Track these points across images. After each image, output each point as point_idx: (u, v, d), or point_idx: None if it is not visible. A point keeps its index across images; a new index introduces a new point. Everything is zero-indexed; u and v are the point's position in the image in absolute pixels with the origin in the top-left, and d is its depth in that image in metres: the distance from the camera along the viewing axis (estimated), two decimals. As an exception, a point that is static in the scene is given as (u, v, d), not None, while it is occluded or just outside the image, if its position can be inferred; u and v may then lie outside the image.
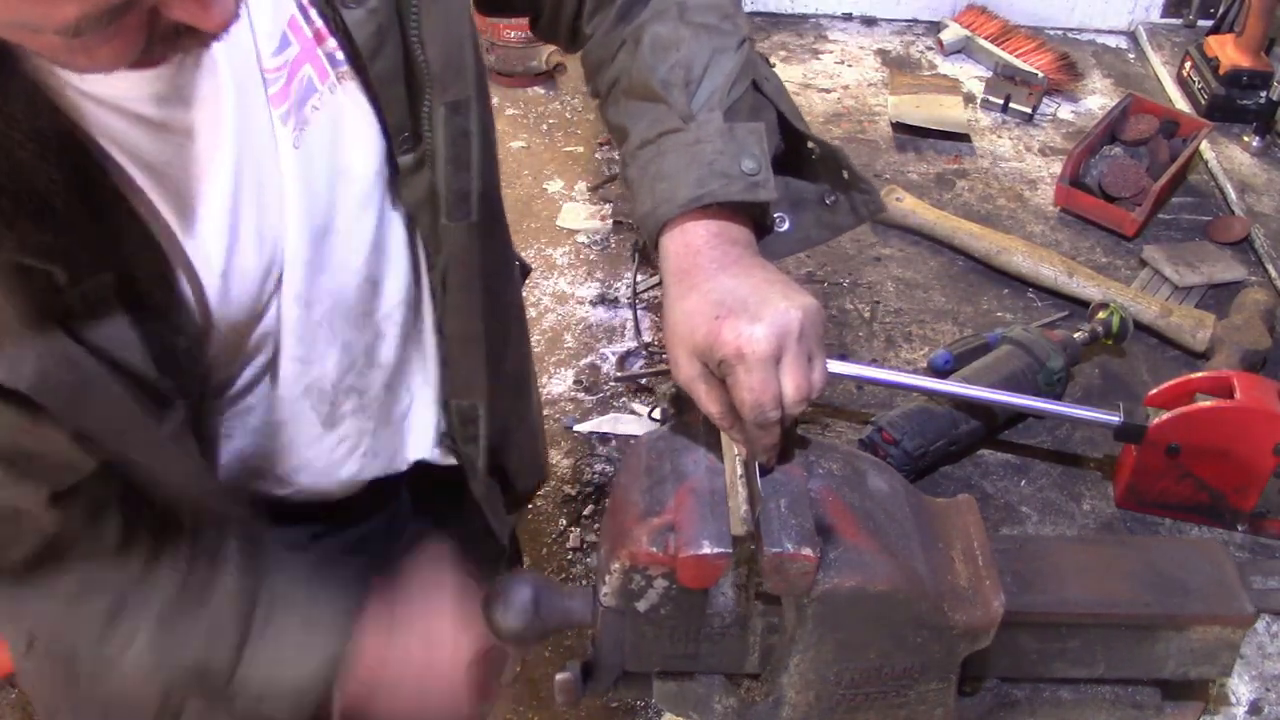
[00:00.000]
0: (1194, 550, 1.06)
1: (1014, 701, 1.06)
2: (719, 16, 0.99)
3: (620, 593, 0.88)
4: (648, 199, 0.92)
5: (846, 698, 0.94)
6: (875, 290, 1.77)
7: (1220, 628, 1.01)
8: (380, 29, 0.89)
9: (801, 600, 0.87)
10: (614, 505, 0.94)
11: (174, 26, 0.69)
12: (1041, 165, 2.10)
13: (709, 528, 0.85)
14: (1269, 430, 1.32)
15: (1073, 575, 1.01)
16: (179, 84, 0.81)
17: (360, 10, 0.88)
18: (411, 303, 1.07)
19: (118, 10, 0.65)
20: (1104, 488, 1.47)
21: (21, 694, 2.12)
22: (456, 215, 1.02)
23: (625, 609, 0.89)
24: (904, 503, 0.97)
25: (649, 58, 0.96)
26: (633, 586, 0.88)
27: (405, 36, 0.92)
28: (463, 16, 0.98)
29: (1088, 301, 1.70)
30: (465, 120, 0.99)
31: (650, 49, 0.96)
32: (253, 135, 0.87)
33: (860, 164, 2.02)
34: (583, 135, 3.06)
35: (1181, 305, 1.74)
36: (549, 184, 2.90)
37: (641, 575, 0.87)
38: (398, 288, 1.04)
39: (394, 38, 0.91)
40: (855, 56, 2.39)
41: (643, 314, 2.38)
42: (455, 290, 1.08)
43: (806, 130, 1.03)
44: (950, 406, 1.46)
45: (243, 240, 0.88)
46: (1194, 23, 2.51)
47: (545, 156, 3.00)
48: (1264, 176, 2.07)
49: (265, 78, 0.86)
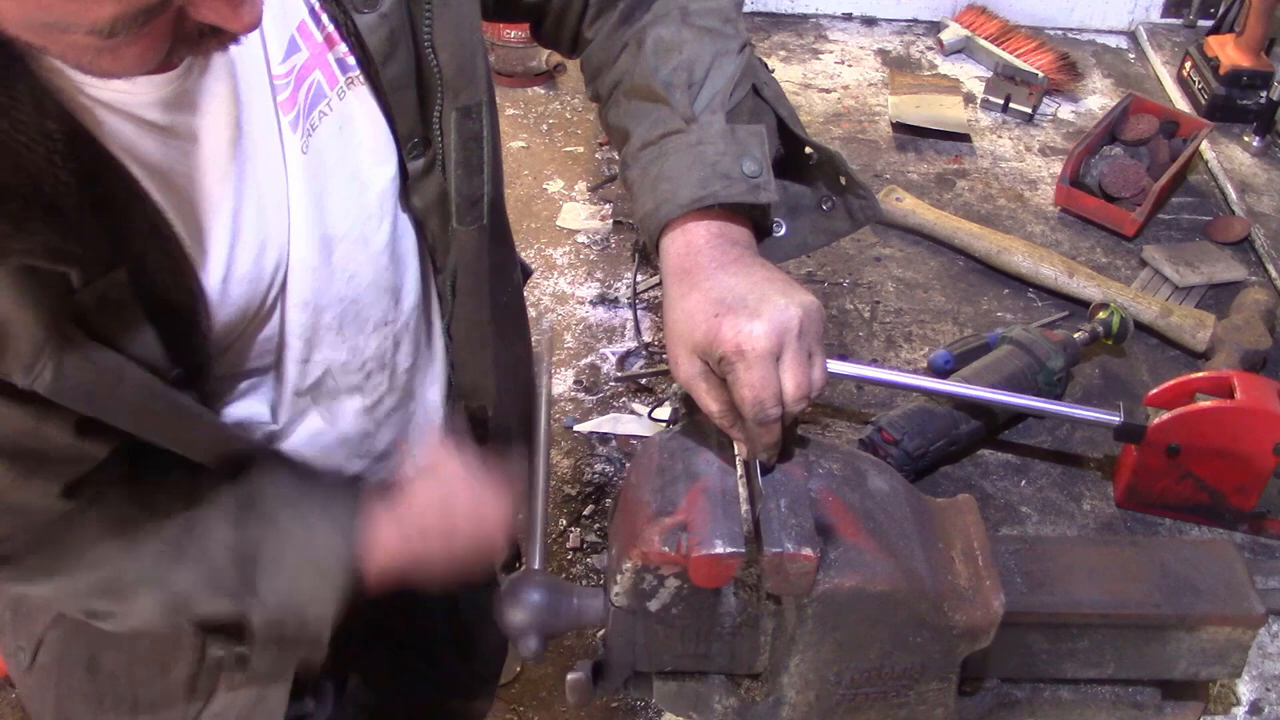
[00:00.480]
0: (1205, 551, 1.06)
1: (1014, 701, 1.06)
2: (721, 20, 0.99)
3: (632, 592, 0.88)
4: (649, 199, 0.92)
5: (846, 698, 0.94)
6: (875, 290, 1.77)
7: (1231, 628, 1.01)
8: (392, 34, 0.89)
9: (801, 600, 0.87)
10: (625, 505, 0.94)
11: (199, 28, 0.69)
12: (1041, 165, 2.10)
13: (722, 527, 0.85)
14: (1269, 430, 1.32)
15: (1083, 576, 1.01)
16: (186, 89, 0.81)
17: (373, 15, 0.88)
18: (422, 307, 1.07)
19: (152, 11, 0.65)
20: (1104, 488, 1.47)
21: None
22: (467, 219, 1.03)
23: (637, 609, 0.89)
24: (904, 503, 0.97)
25: (651, 59, 0.96)
26: (644, 586, 0.88)
27: (417, 41, 0.92)
28: (474, 22, 0.98)
29: (1088, 301, 1.70)
30: (477, 124, 0.99)
31: (653, 51, 0.96)
32: (258, 141, 0.86)
33: (860, 164, 2.03)
34: (583, 135, 3.06)
35: (1182, 305, 1.74)
36: (549, 184, 2.91)
37: (653, 575, 0.88)
38: (412, 292, 1.05)
39: (406, 43, 0.91)
40: (855, 56, 2.39)
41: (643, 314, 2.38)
42: (464, 294, 1.08)
43: (805, 135, 1.03)
44: (950, 406, 1.46)
45: (244, 245, 0.87)
46: (1194, 23, 2.51)
47: (545, 156, 3.00)
48: (1264, 176, 2.07)
49: (274, 84, 0.86)
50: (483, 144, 1.00)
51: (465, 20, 0.96)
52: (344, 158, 0.93)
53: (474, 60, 0.97)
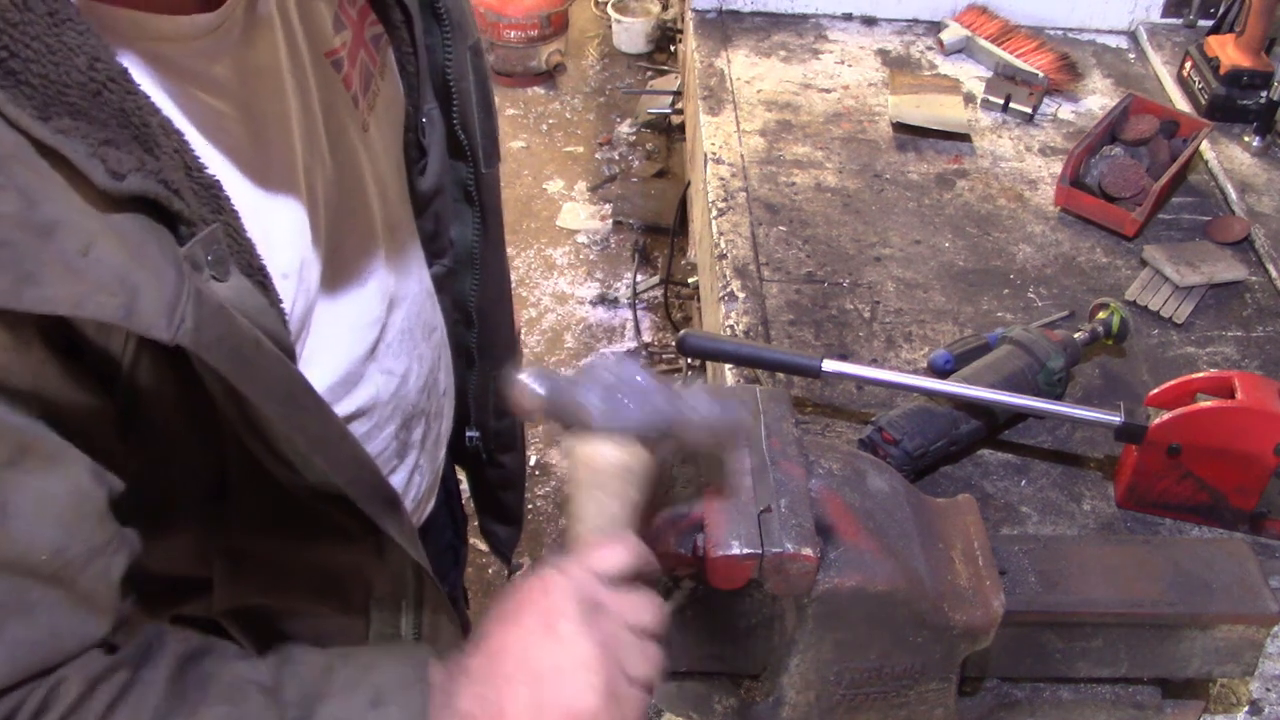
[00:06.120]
0: (1218, 549, 1.06)
1: (1014, 701, 1.06)
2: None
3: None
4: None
5: (846, 698, 0.94)
6: (875, 290, 1.77)
7: (1244, 627, 1.01)
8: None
9: (801, 600, 0.87)
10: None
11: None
12: (1041, 165, 2.10)
13: (738, 528, 0.85)
14: (1270, 430, 1.32)
15: (1097, 575, 1.01)
16: (252, 63, 0.79)
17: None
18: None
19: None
20: (1104, 488, 1.47)
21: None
22: (490, 161, 1.05)
23: None
24: (904, 503, 0.97)
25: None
26: (659, 588, 0.88)
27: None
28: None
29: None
30: (482, 61, 1.01)
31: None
32: (328, 116, 0.86)
33: (860, 164, 2.04)
34: (583, 135, 3.06)
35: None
36: (549, 184, 2.90)
37: (669, 576, 0.87)
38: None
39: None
40: (855, 56, 2.39)
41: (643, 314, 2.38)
42: (494, 234, 1.10)
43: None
44: (950, 406, 1.46)
45: (315, 227, 0.84)
46: (1194, 23, 2.51)
47: (545, 156, 3.00)
48: (1264, 176, 2.07)
49: (335, 61, 0.87)
50: (488, 81, 1.03)
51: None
52: (394, 142, 0.95)
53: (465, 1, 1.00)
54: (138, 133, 0.65)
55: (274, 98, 0.80)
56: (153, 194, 0.64)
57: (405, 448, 1.03)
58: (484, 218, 1.08)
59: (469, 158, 1.04)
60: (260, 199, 0.78)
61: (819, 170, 2.03)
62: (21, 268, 0.56)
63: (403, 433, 1.01)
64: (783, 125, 2.14)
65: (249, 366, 0.68)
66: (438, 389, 1.08)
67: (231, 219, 0.72)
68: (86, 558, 0.65)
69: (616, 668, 0.71)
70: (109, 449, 0.68)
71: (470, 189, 1.06)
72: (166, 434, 0.72)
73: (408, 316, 0.99)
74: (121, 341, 0.65)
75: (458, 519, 1.37)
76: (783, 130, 2.13)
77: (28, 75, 0.59)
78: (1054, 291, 1.79)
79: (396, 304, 0.97)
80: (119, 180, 0.62)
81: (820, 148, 2.09)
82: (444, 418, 1.13)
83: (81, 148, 0.60)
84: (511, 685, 0.69)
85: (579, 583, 0.73)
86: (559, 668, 0.69)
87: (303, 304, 0.83)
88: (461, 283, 1.12)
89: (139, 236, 0.63)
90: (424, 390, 1.04)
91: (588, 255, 2.70)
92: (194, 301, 0.64)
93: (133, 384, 0.67)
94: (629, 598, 0.75)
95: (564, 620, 0.70)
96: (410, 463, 1.05)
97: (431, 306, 1.07)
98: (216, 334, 0.65)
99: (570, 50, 4.28)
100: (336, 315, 0.89)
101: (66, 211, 0.59)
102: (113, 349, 0.65)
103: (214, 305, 0.66)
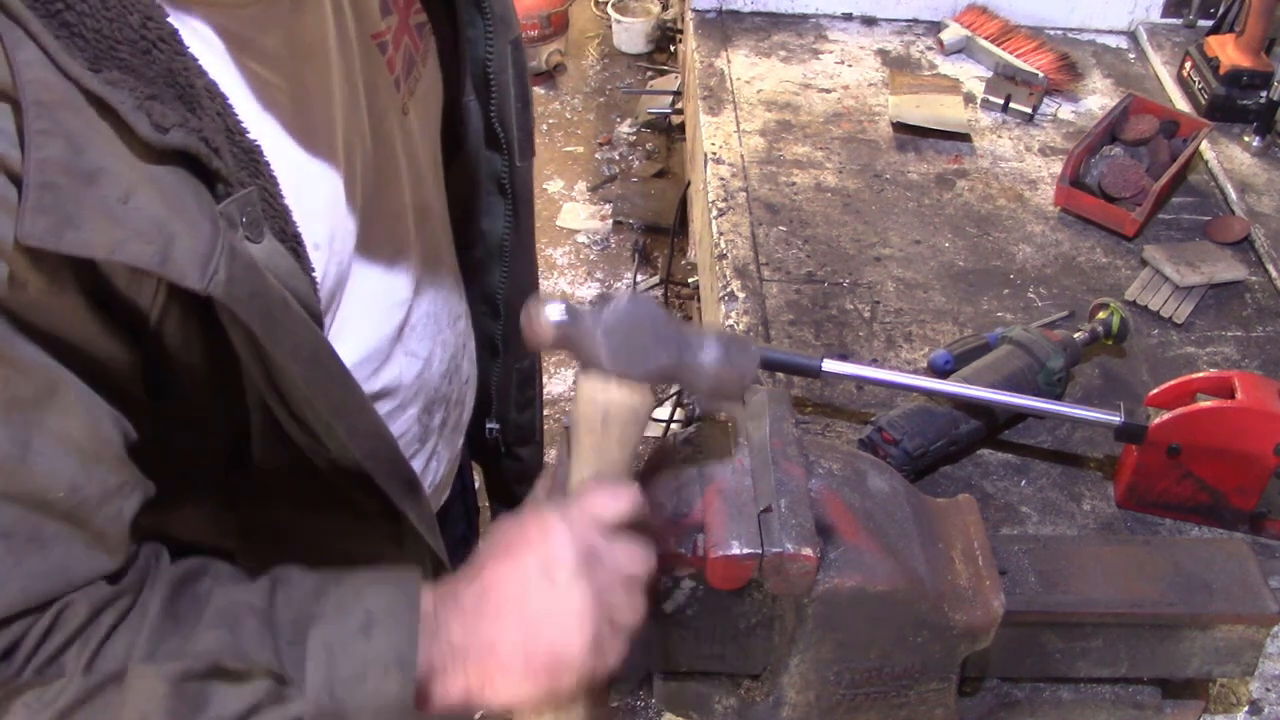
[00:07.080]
0: (1218, 549, 1.06)
1: (1014, 701, 1.06)
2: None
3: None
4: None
5: (846, 698, 0.94)
6: (875, 290, 1.77)
7: (1244, 627, 1.01)
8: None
9: (801, 600, 0.87)
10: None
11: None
12: (1041, 165, 2.10)
13: (738, 528, 0.85)
14: (1270, 430, 1.32)
15: (1097, 575, 1.01)
16: (301, 37, 0.80)
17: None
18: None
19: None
20: (1104, 488, 1.47)
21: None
22: (525, 154, 1.06)
23: (652, 610, 0.89)
24: (904, 503, 0.97)
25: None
26: (659, 588, 0.88)
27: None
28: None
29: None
30: (522, 55, 1.02)
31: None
32: (370, 96, 0.87)
33: (860, 164, 2.03)
34: (583, 135, 3.06)
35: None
36: (549, 184, 2.91)
37: (669, 576, 0.87)
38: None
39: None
40: (855, 56, 2.39)
41: (643, 314, 2.38)
42: (524, 223, 1.10)
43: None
44: (950, 406, 1.46)
45: (350, 202, 0.85)
46: (1194, 23, 2.50)
47: (545, 156, 3.00)
48: (1264, 176, 2.07)
49: (381, 43, 0.88)
50: (527, 75, 1.03)
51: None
52: (432, 128, 0.95)
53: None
54: (183, 92, 0.66)
55: (319, 72, 0.82)
56: (194, 149, 0.65)
57: (426, 432, 1.04)
58: (515, 210, 1.09)
59: (504, 150, 1.04)
60: (299, 169, 0.80)
61: (819, 170, 2.03)
62: (63, 211, 0.58)
63: (424, 416, 1.03)
64: (783, 125, 2.14)
65: (277, 326, 0.70)
66: (460, 376, 1.09)
67: (269, 184, 0.74)
68: (101, 498, 0.68)
69: (605, 618, 0.74)
70: (133, 401, 0.70)
71: (504, 181, 1.06)
72: (192, 392, 0.74)
73: (434, 301, 1.00)
74: (151, 294, 0.66)
75: (471, 511, 1.38)
76: (783, 130, 2.13)
77: (82, 28, 0.61)
78: (1054, 291, 1.79)
79: (423, 288, 0.98)
80: (163, 133, 0.63)
81: (820, 148, 2.09)
82: (465, 406, 1.14)
83: (129, 99, 0.62)
84: (503, 623, 0.73)
85: (579, 530, 0.75)
86: (552, 613, 0.72)
87: (334, 276, 0.84)
88: (490, 274, 1.13)
89: (178, 189, 0.65)
90: (446, 376, 1.05)
91: (588, 255, 2.70)
92: (227, 255, 0.65)
93: (160, 338, 0.69)
94: (623, 547, 0.77)
95: (561, 568, 0.73)
96: (430, 448, 1.06)
97: (458, 294, 1.07)
98: (248, 289, 0.67)
99: (570, 50, 4.28)
100: (365, 293, 0.91)
101: (110, 160, 0.61)
102: (142, 302, 0.66)
103: (247, 261, 0.68)
